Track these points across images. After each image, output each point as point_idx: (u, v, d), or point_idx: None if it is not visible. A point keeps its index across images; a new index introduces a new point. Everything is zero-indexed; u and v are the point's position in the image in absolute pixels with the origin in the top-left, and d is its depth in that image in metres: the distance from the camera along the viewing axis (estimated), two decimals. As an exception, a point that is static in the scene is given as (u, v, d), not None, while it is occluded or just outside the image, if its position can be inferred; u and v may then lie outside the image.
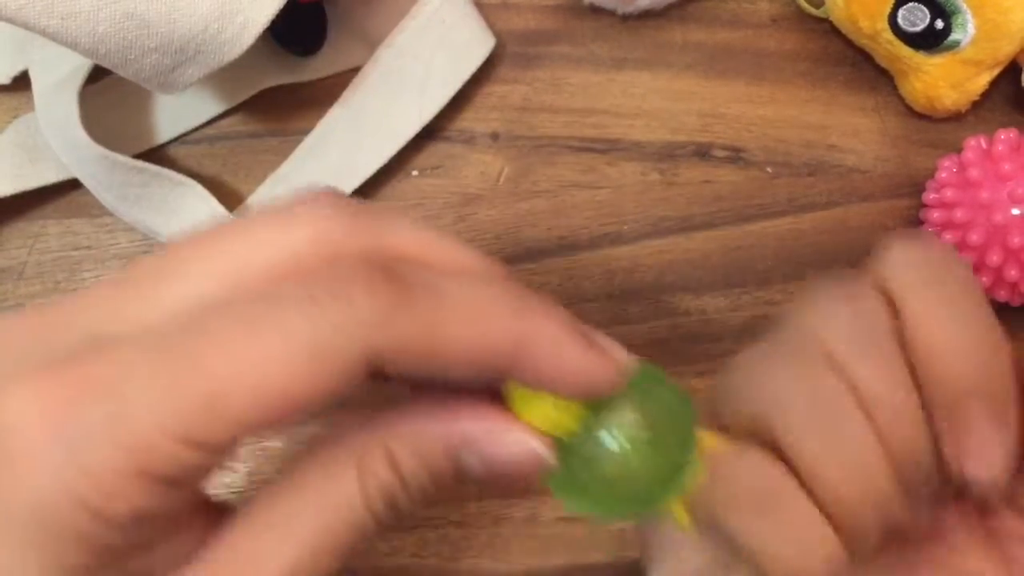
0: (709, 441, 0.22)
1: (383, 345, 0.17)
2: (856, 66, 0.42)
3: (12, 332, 0.18)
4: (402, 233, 0.19)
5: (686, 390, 0.21)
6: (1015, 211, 0.35)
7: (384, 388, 0.20)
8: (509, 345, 0.18)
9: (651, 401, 0.21)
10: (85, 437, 0.16)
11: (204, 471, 0.18)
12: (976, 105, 0.40)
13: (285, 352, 0.16)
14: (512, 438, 0.19)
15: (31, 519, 0.16)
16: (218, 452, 0.17)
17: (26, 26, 0.30)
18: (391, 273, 0.17)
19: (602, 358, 0.19)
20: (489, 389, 0.20)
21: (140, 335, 0.17)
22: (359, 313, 0.17)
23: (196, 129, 0.40)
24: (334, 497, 0.18)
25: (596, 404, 0.20)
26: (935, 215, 0.38)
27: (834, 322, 0.23)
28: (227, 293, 0.17)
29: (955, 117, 0.41)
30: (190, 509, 0.19)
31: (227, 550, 0.18)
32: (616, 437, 0.20)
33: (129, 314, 0.18)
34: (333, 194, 0.19)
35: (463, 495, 0.38)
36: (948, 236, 0.37)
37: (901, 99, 0.41)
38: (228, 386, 0.16)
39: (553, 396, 0.19)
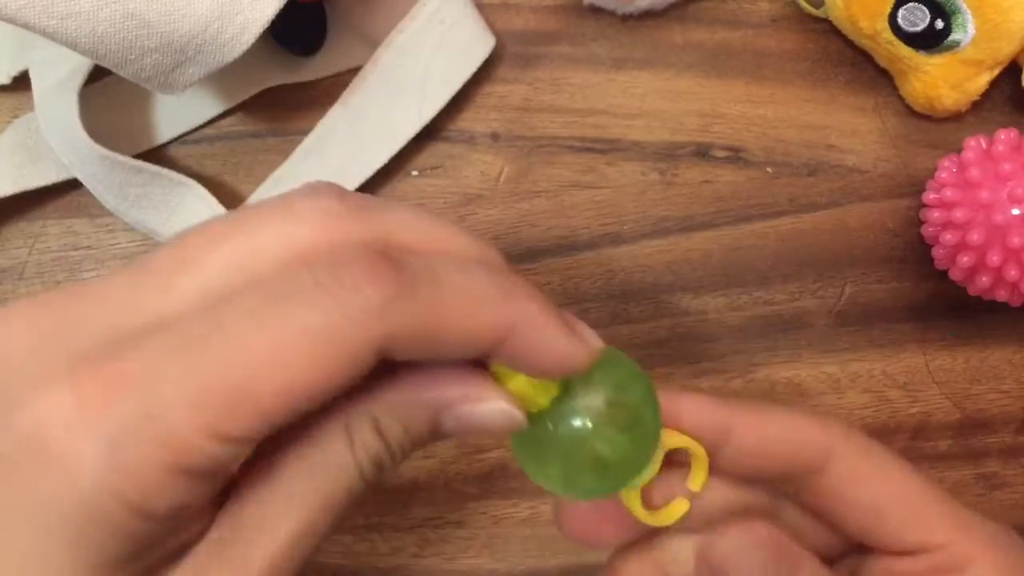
0: (671, 437, 0.22)
1: (389, 332, 0.18)
2: (856, 66, 0.42)
3: (30, 328, 0.18)
4: (403, 221, 0.20)
5: (651, 379, 0.22)
6: (1015, 211, 0.35)
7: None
8: (500, 330, 0.19)
9: (619, 388, 0.21)
10: (123, 435, 0.17)
11: (233, 462, 0.18)
12: (976, 105, 0.40)
13: (302, 344, 0.17)
14: (488, 405, 0.20)
15: (74, 516, 0.17)
16: (245, 443, 0.18)
17: (26, 26, 0.30)
18: (392, 261, 0.18)
19: (580, 342, 0.20)
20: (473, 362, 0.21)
21: (164, 330, 0.18)
22: (366, 302, 0.17)
23: (196, 129, 0.40)
24: (329, 467, 0.19)
25: (567, 382, 0.21)
26: (935, 215, 0.38)
27: None
28: (240, 283, 0.18)
29: (955, 117, 0.41)
30: (213, 495, 0.20)
31: (232, 527, 0.19)
32: (583, 418, 0.21)
33: (147, 305, 0.18)
34: (336, 187, 0.20)
35: (463, 495, 0.38)
36: (948, 236, 0.37)
37: (901, 99, 0.41)
38: (251, 381, 0.17)
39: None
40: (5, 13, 0.30)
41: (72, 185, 0.39)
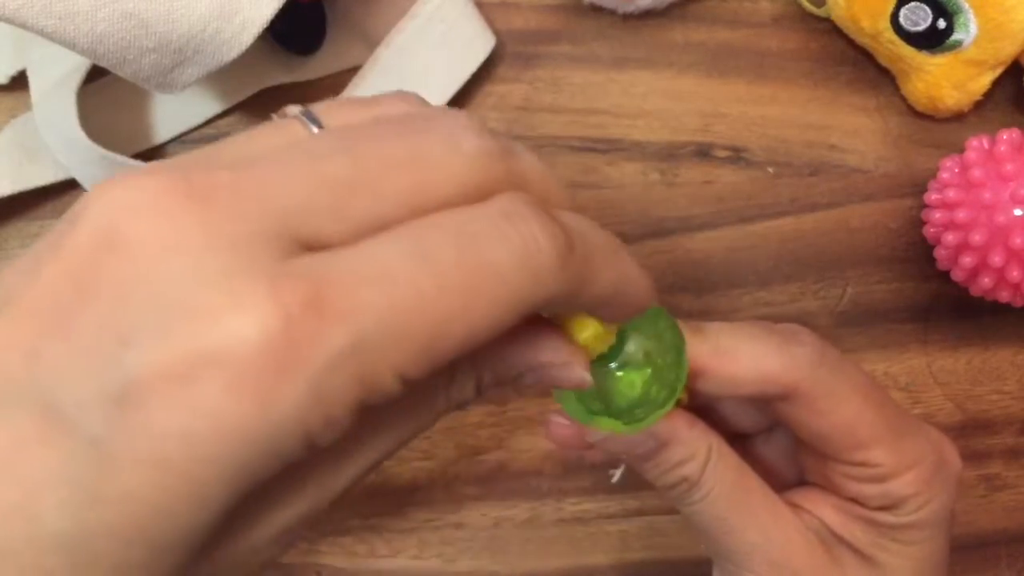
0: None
1: (555, 293, 0.18)
2: (858, 66, 0.42)
3: (196, 214, 0.15)
4: (532, 169, 0.19)
5: (681, 333, 0.25)
6: (1017, 211, 0.35)
7: None
8: (619, 287, 0.20)
9: (658, 340, 0.24)
10: (329, 373, 0.15)
11: None
12: (978, 105, 0.40)
13: (493, 291, 0.17)
14: (575, 371, 0.21)
15: (245, 449, 0.15)
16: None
17: (24, 26, 0.30)
18: (558, 221, 0.18)
19: (651, 290, 0.21)
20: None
21: (360, 259, 0.16)
22: (548, 260, 0.17)
23: (195, 129, 0.40)
24: (422, 411, 0.20)
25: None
26: (937, 215, 0.37)
27: None
28: (412, 219, 0.17)
29: (957, 117, 0.41)
30: None
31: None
32: (632, 370, 0.24)
33: (325, 228, 0.17)
34: (479, 121, 0.19)
35: (463, 496, 0.38)
36: (950, 237, 0.37)
37: (903, 99, 0.41)
38: (447, 325, 0.16)
39: (597, 321, 0.22)
40: (3, 13, 0.30)
41: (70, 185, 0.38)
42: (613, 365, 0.24)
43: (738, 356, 0.25)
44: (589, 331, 0.22)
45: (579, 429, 0.27)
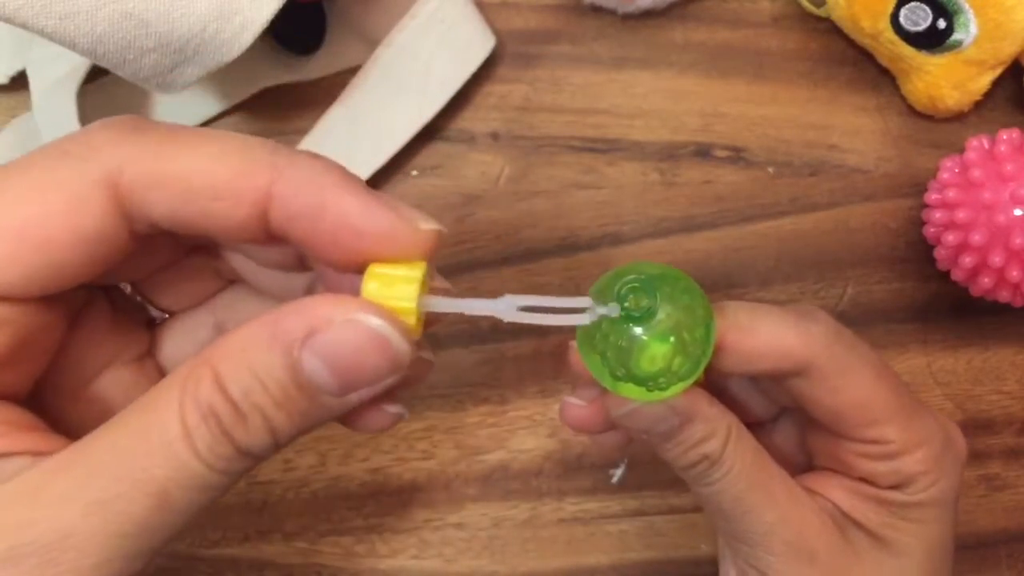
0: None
1: (116, 166, 0.18)
2: (858, 66, 0.42)
3: None
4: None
5: (712, 310, 0.25)
6: (1017, 212, 0.35)
7: None
8: (255, 177, 0.19)
9: (689, 313, 0.24)
10: None
11: None
12: (978, 105, 0.40)
13: (28, 188, 0.18)
14: (343, 327, 0.17)
15: None
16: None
17: (24, 26, 0.30)
18: (134, 118, 0.19)
19: (389, 211, 0.19)
20: None
21: None
22: (92, 139, 0.19)
23: (195, 129, 0.40)
24: (150, 434, 0.17)
25: (649, 295, 0.24)
26: (937, 215, 0.37)
27: None
28: None
29: (957, 117, 0.41)
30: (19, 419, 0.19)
31: (40, 479, 0.17)
32: (663, 341, 0.24)
33: None
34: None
35: (463, 496, 0.38)
36: (950, 237, 0.37)
37: (903, 99, 0.41)
38: None
39: (397, 272, 0.19)
40: (3, 13, 0.30)
41: (71, 185, 0.38)
42: (640, 331, 0.24)
43: (757, 332, 0.26)
44: (371, 282, 0.19)
45: (593, 411, 0.27)
